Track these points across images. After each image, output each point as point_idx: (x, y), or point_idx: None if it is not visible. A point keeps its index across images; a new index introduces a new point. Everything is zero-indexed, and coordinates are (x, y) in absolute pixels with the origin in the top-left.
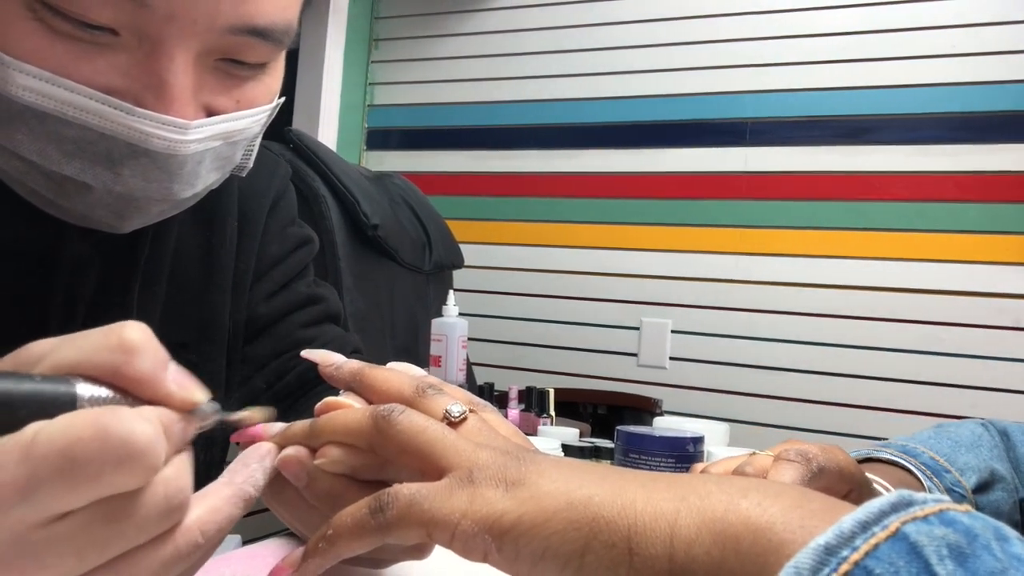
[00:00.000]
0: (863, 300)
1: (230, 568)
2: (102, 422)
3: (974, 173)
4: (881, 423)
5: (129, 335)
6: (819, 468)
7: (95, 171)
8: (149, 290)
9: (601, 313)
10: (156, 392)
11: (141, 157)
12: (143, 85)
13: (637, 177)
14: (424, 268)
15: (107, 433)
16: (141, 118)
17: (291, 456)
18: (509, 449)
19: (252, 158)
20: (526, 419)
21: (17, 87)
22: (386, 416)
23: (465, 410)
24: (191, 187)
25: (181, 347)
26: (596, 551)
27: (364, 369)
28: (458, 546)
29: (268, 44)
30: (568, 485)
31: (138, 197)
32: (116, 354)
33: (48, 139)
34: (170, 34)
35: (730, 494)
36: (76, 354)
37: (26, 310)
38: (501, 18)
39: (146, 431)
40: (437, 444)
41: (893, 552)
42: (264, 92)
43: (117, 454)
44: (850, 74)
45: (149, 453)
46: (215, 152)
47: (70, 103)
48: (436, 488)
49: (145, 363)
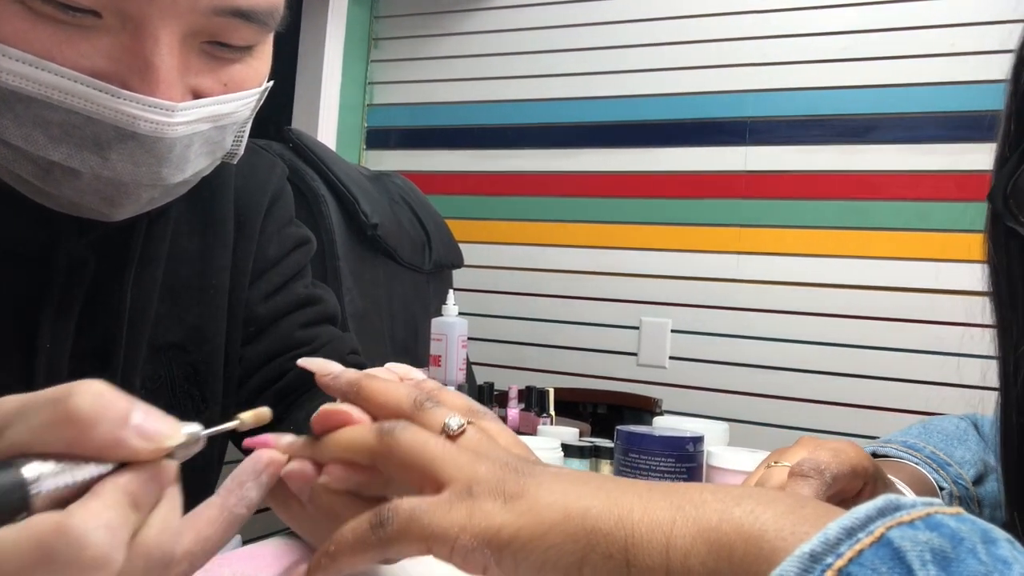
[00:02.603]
0: (863, 300)
1: (230, 568)
2: (49, 544)
3: (974, 173)
4: (881, 423)
5: (76, 406)
6: (832, 477)
7: (82, 156)
8: (143, 290)
9: (601, 313)
10: (119, 455)
11: (128, 140)
12: (128, 68)
13: (637, 177)
14: (424, 267)
15: (55, 556)
16: (128, 100)
17: (296, 470)
18: (508, 461)
19: (243, 144)
20: (526, 419)
21: (1, 71)
22: (389, 431)
23: (463, 422)
24: (180, 172)
25: (176, 348)
26: (594, 563)
27: (361, 380)
28: (458, 560)
29: (253, 26)
30: (566, 497)
31: (127, 182)
32: (66, 430)
33: (34, 124)
34: (153, 15)
35: (724, 502)
36: (27, 435)
37: (21, 310)
38: (500, 17)
39: (97, 540)
40: (436, 459)
41: (876, 558)
42: (252, 75)
43: (70, 572)
44: (850, 73)
45: (102, 563)
46: (204, 136)
47: (55, 87)
48: (435, 502)
49: (101, 431)
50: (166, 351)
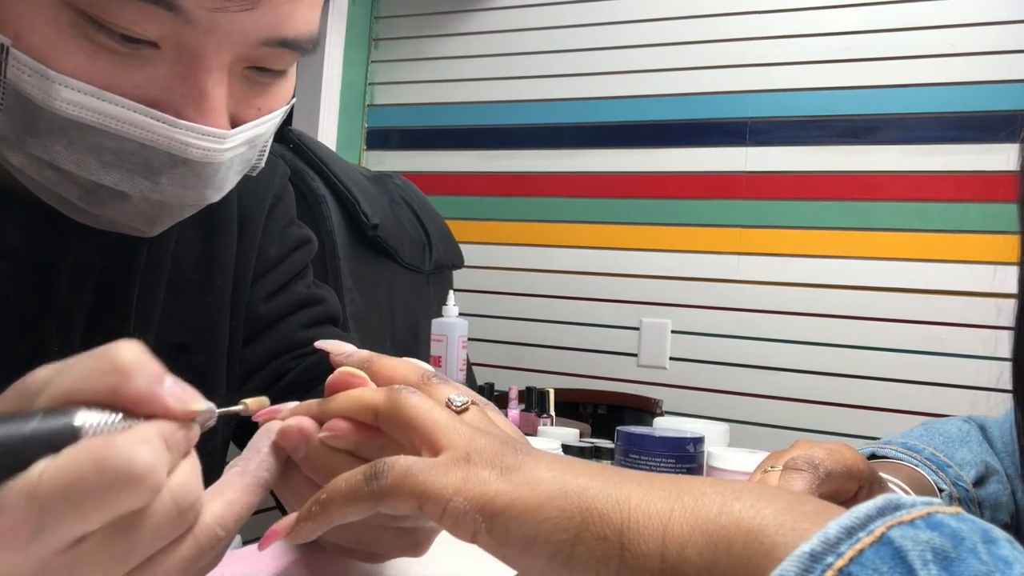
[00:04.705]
0: (863, 300)
1: (230, 568)
2: (100, 454)
3: (974, 173)
4: (881, 423)
5: (121, 356)
6: (826, 473)
7: (133, 180)
8: (149, 292)
9: (601, 313)
10: (155, 408)
11: (180, 166)
12: (182, 96)
13: (637, 177)
14: (424, 268)
15: (105, 464)
16: (184, 130)
17: (292, 427)
18: (507, 439)
19: (264, 157)
20: (526, 419)
21: (61, 101)
22: (398, 391)
23: (467, 400)
24: (220, 191)
25: (181, 349)
26: (587, 542)
27: (373, 357)
28: (448, 522)
29: (294, 53)
30: (564, 475)
31: (173, 204)
32: (111, 377)
33: (88, 150)
34: (209, 46)
35: (724, 496)
36: (72, 383)
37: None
38: (501, 18)
39: (144, 455)
40: (440, 423)
41: (877, 558)
42: (283, 95)
43: (118, 481)
44: (850, 74)
45: (148, 476)
46: (242, 156)
47: (114, 116)
48: (433, 462)
49: (140, 383)
50: (171, 352)
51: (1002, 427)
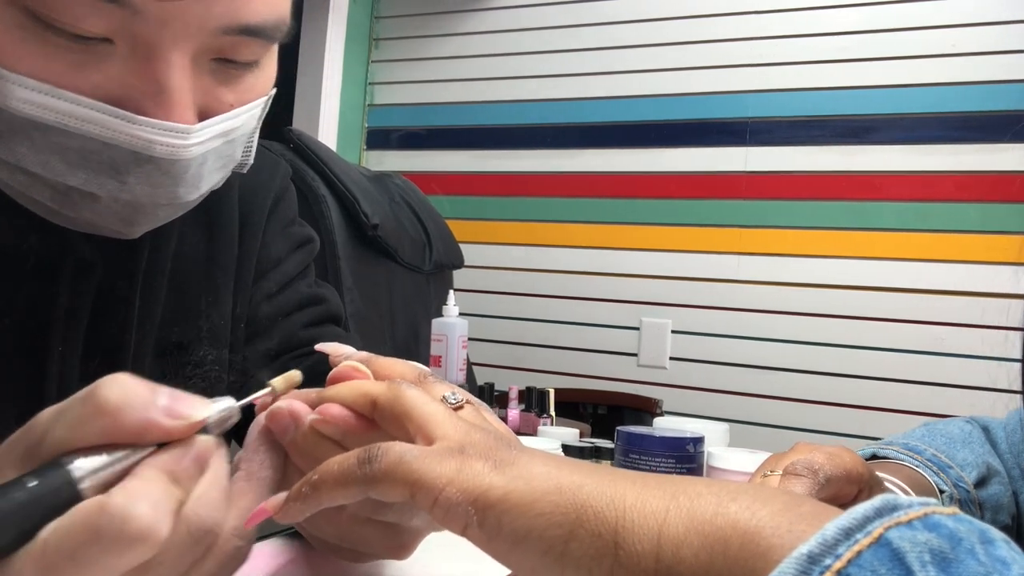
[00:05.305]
0: (863, 300)
1: None
2: (94, 522)
3: (974, 173)
4: (881, 423)
5: (105, 398)
6: (826, 478)
7: (100, 180)
8: (151, 292)
9: (601, 313)
10: (153, 437)
11: (145, 164)
12: (142, 92)
13: (637, 177)
14: (424, 268)
15: (101, 533)
16: (143, 126)
17: (282, 409)
18: (501, 436)
19: (252, 153)
20: (526, 419)
21: (17, 100)
22: (397, 383)
23: (463, 399)
24: (196, 189)
25: (182, 348)
26: (581, 539)
27: (371, 357)
28: (439, 512)
29: (261, 41)
30: (559, 472)
31: (145, 203)
32: (99, 421)
33: (51, 151)
34: (164, 39)
35: (720, 496)
36: (66, 431)
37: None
38: (501, 18)
39: (139, 513)
40: (437, 415)
41: (875, 559)
42: (259, 86)
43: (118, 546)
44: (850, 74)
45: (148, 534)
46: (216, 152)
47: (72, 114)
48: (428, 450)
49: (130, 419)
50: (173, 351)
51: (1006, 428)
